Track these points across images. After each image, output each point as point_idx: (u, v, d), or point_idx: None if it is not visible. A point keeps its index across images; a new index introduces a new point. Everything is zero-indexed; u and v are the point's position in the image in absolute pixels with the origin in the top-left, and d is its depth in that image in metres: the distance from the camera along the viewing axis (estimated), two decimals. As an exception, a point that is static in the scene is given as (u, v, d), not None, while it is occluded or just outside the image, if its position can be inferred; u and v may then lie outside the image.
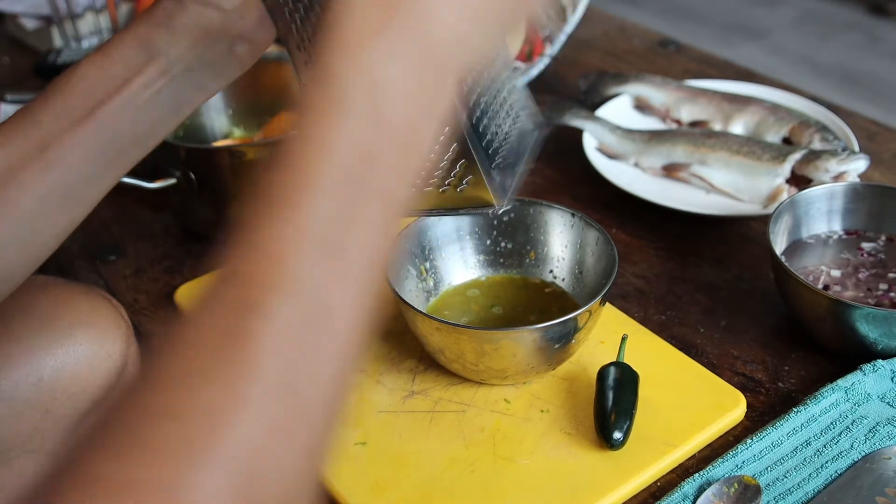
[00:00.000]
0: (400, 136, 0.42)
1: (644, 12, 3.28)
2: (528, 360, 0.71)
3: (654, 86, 1.16)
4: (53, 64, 1.37)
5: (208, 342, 0.35)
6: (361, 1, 0.43)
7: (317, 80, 0.42)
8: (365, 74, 0.41)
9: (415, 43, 0.43)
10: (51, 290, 0.75)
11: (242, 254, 0.38)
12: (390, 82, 0.41)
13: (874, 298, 0.79)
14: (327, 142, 0.40)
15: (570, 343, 0.72)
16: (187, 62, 0.61)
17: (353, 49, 0.42)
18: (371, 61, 0.41)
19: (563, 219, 0.82)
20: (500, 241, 0.84)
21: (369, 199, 0.40)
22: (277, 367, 0.35)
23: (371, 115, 0.41)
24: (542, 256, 0.84)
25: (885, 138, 1.12)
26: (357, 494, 0.67)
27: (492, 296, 0.83)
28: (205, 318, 0.36)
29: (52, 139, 0.59)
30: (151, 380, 0.35)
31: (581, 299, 0.80)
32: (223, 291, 0.37)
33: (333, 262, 0.38)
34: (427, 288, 0.82)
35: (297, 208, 0.38)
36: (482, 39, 0.47)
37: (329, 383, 0.37)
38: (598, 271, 0.79)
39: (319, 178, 0.39)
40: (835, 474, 0.67)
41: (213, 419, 0.33)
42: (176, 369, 0.35)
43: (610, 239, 0.77)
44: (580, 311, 0.70)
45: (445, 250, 0.83)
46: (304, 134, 0.40)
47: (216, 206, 0.96)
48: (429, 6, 0.43)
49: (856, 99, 2.66)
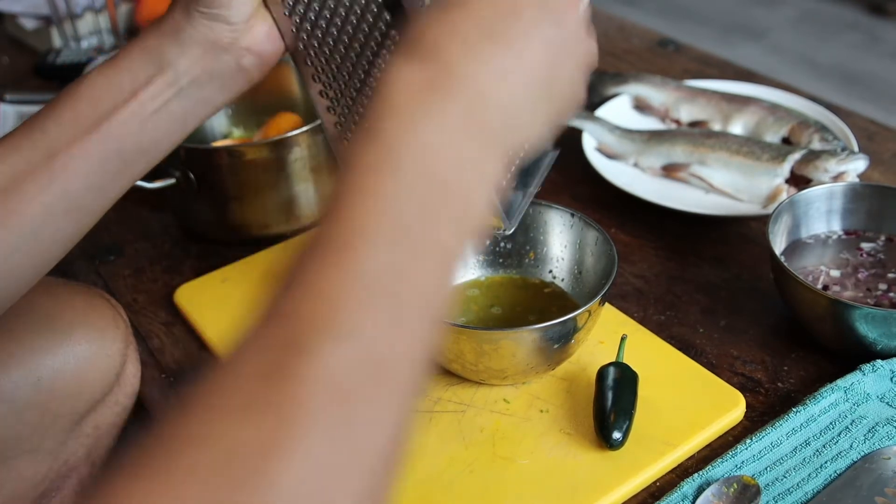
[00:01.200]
0: (452, 193, 0.42)
1: (643, 12, 3.28)
2: (527, 361, 0.71)
3: (654, 86, 1.16)
4: (53, 64, 1.37)
5: (254, 378, 0.35)
6: (412, 70, 0.44)
7: (365, 139, 0.42)
8: (417, 137, 0.42)
9: (466, 116, 0.44)
10: (50, 289, 0.75)
11: (295, 295, 0.38)
12: (441, 147, 0.42)
13: (873, 298, 0.79)
14: (382, 195, 0.40)
15: (570, 343, 0.72)
16: (195, 75, 0.62)
17: (404, 114, 0.43)
18: (422, 127, 0.42)
19: (562, 219, 0.82)
20: (500, 242, 0.84)
21: (425, 252, 0.41)
22: (324, 408, 0.35)
23: (424, 174, 0.41)
24: (542, 256, 0.84)
25: (884, 138, 1.12)
26: (356, 494, 0.67)
27: (491, 296, 0.83)
28: (251, 355, 0.36)
29: (59, 148, 0.59)
30: (193, 410, 0.35)
31: (580, 299, 0.80)
32: (273, 330, 0.37)
33: (388, 311, 0.38)
34: None
35: (353, 257, 0.38)
36: (532, 123, 0.49)
37: (380, 429, 0.37)
38: (598, 271, 0.79)
39: (377, 228, 0.39)
40: (834, 474, 0.67)
41: (258, 454, 0.33)
42: (219, 402, 0.35)
43: (609, 239, 0.77)
44: (579, 312, 0.70)
45: None
46: (355, 187, 0.41)
47: (215, 206, 0.96)
48: (482, 83, 0.45)
49: (855, 99, 2.66)
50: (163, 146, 0.64)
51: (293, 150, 0.93)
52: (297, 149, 0.93)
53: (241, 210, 0.96)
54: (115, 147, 0.61)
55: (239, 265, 0.93)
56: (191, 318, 0.87)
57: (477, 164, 0.44)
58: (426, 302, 0.40)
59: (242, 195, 0.94)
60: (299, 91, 1.08)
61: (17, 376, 0.71)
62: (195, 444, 0.33)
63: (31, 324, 0.73)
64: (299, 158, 0.94)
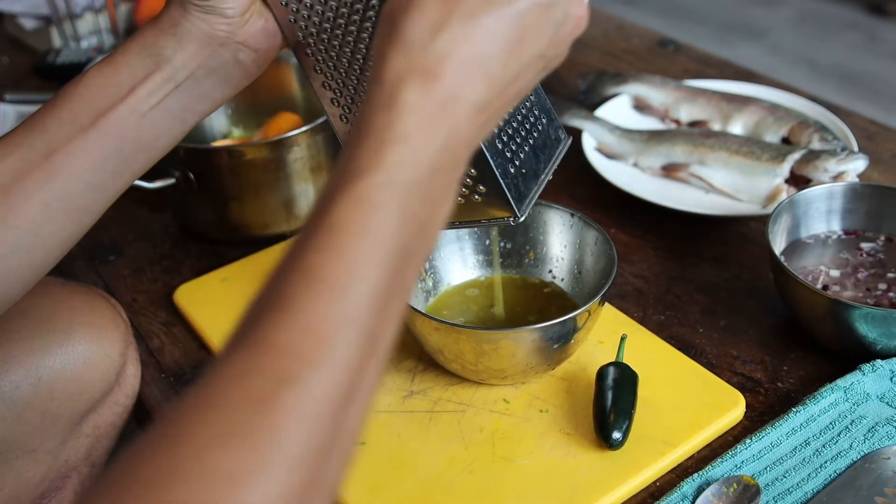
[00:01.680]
0: (425, 232, 0.45)
1: (643, 12, 3.28)
2: (526, 360, 0.71)
3: (653, 86, 1.16)
4: (52, 64, 1.37)
5: (238, 406, 0.37)
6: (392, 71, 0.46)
7: (346, 172, 0.44)
8: (392, 175, 0.44)
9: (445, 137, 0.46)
10: (50, 290, 0.75)
11: (285, 328, 0.39)
12: (416, 187, 0.44)
13: (873, 298, 0.79)
14: (373, 235, 0.42)
15: (569, 343, 0.72)
16: (192, 69, 0.62)
17: (378, 151, 0.44)
18: (395, 164, 0.44)
19: (562, 219, 0.82)
20: (500, 241, 0.84)
21: (401, 292, 0.44)
22: (302, 438, 0.37)
23: (406, 215, 0.43)
24: (542, 256, 0.84)
25: (883, 138, 1.12)
26: (356, 494, 0.67)
27: (491, 296, 0.83)
28: (236, 384, 0.38)
29: (58, 147, 0.59)
30: (174, 437, 0.36)
31: (580, 299, 0.80)
32: (260, 360, 0.38)
33: (367, 348, 0.41)
34: (426, 288, 0.82)
35: (342, 295, 0.41)
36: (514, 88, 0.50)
37: (345, 455, 0.40)
38: (597, 271, 0.79)
39: (368, 269, 0.42)
40: (834, 474, 0.67)
41: (232, 482, 0.35)
42: (201, 429, 0.36)
43: (609, 239, 0.78)
44: (579, 312, 0.70)
45: (444, 250, 0.83)
46: (343, 222, 0.42)
47: (215, 206, 0.96)
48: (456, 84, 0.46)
49: (855, 99, 2.67)
50: (162, 143, 0.64)
51: (293, 150, 0.93)
52: (296, 149, 0.93)
53: (240, 210, 0.96)
54: (114, 144, 0.61)
55: (238, 265, 0.93)
56: (190, 318, 0.87)
57: (444, 193, 0.46)
58: (392, 334, 0.44)
59: (242, 195, 0.94)
60: (299, 91, 1.08)
61: (17, 377, 0.71)
62: (176, 474, 0.35)
63: (31, 324, 0.73)
64: (299, 158, 0.94)
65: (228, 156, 0.93)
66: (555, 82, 1.29)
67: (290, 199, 0.96)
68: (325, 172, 0.97)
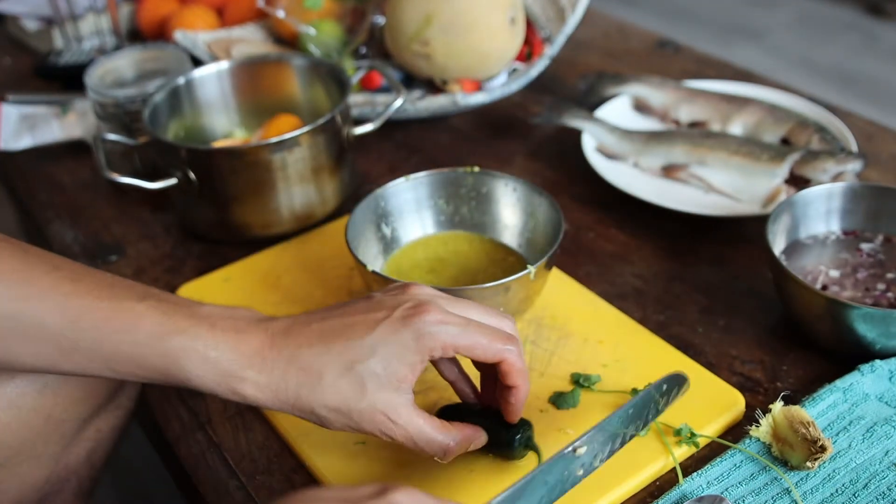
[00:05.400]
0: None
1: (642, 13, 3.29)
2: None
3: (653, 86, 1.16)
4: (54, 65, 1.37)
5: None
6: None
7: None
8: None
9: None
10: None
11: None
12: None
13: (872, 298, 0.80)
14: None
15: (512, 305, 0.77)
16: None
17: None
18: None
19: (507, 186, 0.87)
20: (460, 208, 0.89)
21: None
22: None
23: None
24: (495, 222, 0.89)
25: (882, 139, 1.12)
26: (357, 493, 0.67)
27: (443, 255, 0.88)
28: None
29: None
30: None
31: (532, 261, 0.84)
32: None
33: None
34: (385, 247, 0.87)
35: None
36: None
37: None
38: (548, 235, 0.83)
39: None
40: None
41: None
42: None
43: (556, 204, 0.83)
44: (521, 274, 0.75)
45: (405, 216, 0.89)
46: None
47: (216, 207, 0.96)
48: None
49: (854, 99, 2.67)
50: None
51: (294, 150, 0.93)
52: (297, 149, 0.93)
53: (242, 210, 0.96)
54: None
55: (240, 265, 0.93)
56: (192, 319, 0.88)
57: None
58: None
59: (243, 195, 0.95)
60: (300, 92, 1.08)
61: (22, 382, 0.72)
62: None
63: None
64: (300, 159, 0.94)
65: (230, 156, 0.93)
66: (555, 83, 1.30)
67: (291, 199, 0.96)
68: (325, 172, 0.97)
